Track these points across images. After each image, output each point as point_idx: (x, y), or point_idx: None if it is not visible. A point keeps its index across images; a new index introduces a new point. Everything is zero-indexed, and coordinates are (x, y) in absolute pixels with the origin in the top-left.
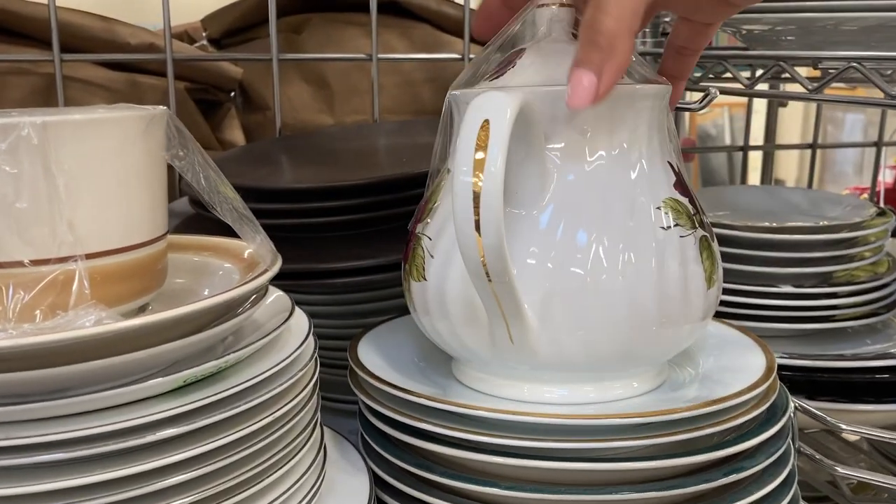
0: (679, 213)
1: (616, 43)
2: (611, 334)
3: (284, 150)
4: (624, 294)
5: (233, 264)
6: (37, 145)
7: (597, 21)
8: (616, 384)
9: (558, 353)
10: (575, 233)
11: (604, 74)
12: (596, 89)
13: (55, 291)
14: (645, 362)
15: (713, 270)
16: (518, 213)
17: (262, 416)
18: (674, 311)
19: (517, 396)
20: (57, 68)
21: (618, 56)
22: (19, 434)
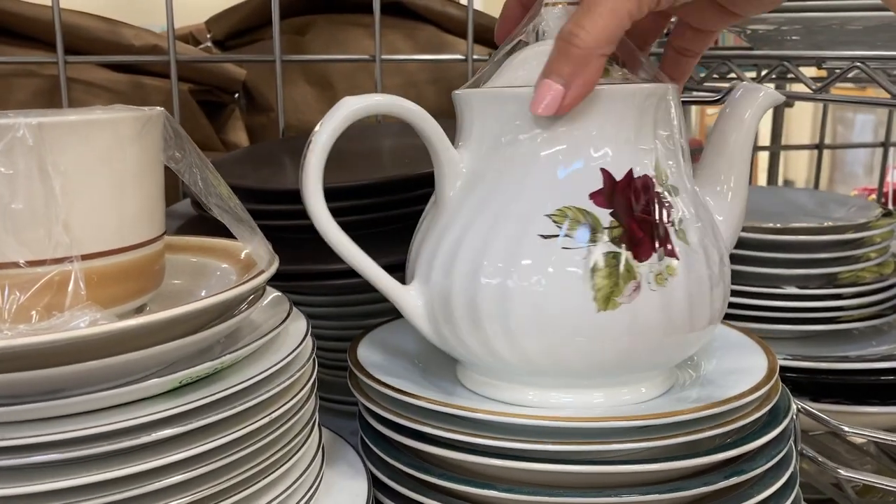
0: (574, 224)
1: (589, 60)
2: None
3: (288, 151)
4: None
5: (230, 265)
6: (32, 146)
7: (573, 35)
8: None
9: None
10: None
11: (571, 88)
12: (561, 101)
13: (51, 292)
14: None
15: (614, 291)
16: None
17: (260, 417)
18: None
19: (522, 401)
20: (61, 70)
21: (587, 73)
22: (15, 435)
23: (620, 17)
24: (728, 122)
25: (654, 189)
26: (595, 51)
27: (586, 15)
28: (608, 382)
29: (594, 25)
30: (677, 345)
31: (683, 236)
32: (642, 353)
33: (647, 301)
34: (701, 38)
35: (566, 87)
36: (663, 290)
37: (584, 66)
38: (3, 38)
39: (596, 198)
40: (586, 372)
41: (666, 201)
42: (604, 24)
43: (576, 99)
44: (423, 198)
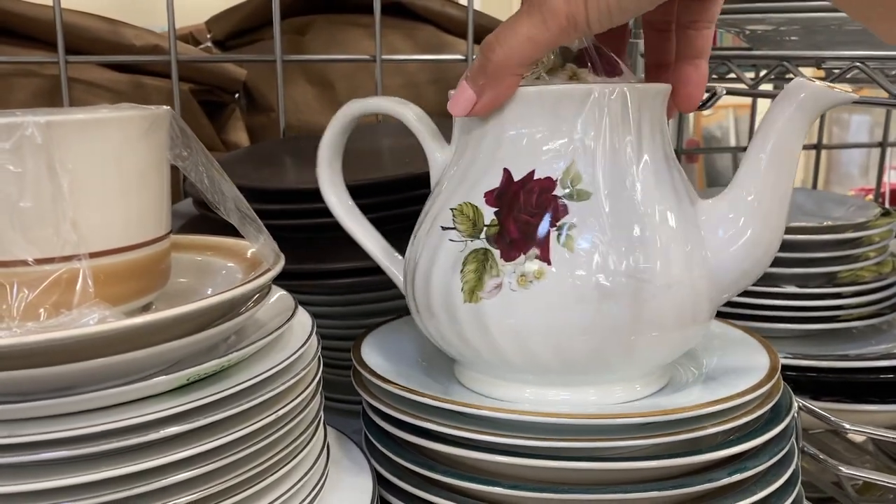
0: (464, 220)
1: (501, 76)
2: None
3: (288, 151)
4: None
5: (236, 264)
6: (41, 144)
7: (491, 49)
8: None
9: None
10: None
11: (481, 97)
12: (472, 107)
13: (59, 290)
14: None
15: (477, 285)
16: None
17: (265, 415)
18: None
19: (519, 399)
20: (62, 70)
21: (498, 87)
22: (24, 432)
23: (538, 45)
24: (763, 122)
25: (551, 192)
26: (507, 70)
27: (507, 33)
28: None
29: (509, 46)
30: (554, 347)
31: (569, 243)
32: (508, 351)
33: (507, 300)
34: (707, 6)
35: (478, 95)
36: (525, 292)
37: (496, 80)
38: (4, 38)
39: (488, 196)
40: (469, 363)
41: (561, 206)
42: (518, 46)
43: (485, 107)
44: (422, 197)
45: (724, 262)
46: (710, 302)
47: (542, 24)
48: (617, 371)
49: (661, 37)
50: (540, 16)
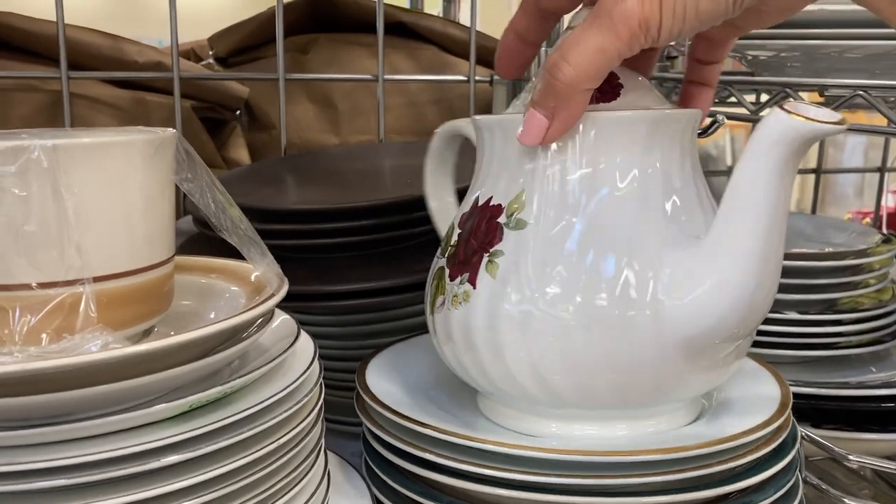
0: (444, 239)
1: (571, 95)
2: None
3: (289, 169)
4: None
5: (239, 287)
6: (47, 168)
7: (558, 68)
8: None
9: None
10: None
11: (555, 121)
12: (545, 132)
13: (62, 314)
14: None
15: (433, 300)
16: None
17: (267, 443)
18: None
19: (543, 433)
20: (64, 86)
21: (571, 107)
22: (22, 459)
23: (609, 55)
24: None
25: (496, 219)
26: (578, 86)
27: (573, 49)
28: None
29: (579, 62)
30: (478, 369)
31: (493, 269)
32: (455, 365)
33: (447, 317)
34: (715, 48)
35: (550, 119)
36: (456, 312)
37: (568, 100)
38: (6, 53)
39: (460, 218)
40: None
41: (499, 232)
42: (588, 61)
43: (559, 131)
44: (423, 219)
45: (679, 313)
46: (677, 349)
47: (613, 33)
48: (542, 403)
49: (702, 68)
50: (610, 23)
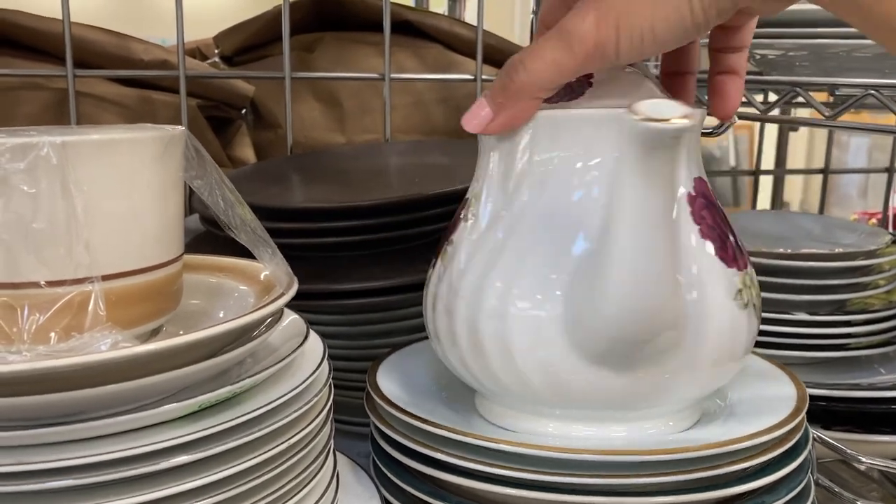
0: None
1: (520, 97)
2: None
3: (295, 168)
4: None
5: (248, 287)
6: (56, 165)
7: (515, 70)
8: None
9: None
10: None
11: (498, 116)
12: (487, 124)
13: (70, 313)
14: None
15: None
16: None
17: (277, 443)
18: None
19: (543, 433)
20: (70, 84)
21: (517, 108)
22: (31, 459)
23: (562, 70)
24: None
25: (461, 212)
26: (529, 92)
27: (531, 56)
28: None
29: (534, 69)
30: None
31: (444, 257)
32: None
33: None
34: (734, 34)
35: (494, 113)
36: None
37: (516, 101)
38: (11, 51)
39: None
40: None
41: (457, 225)
42: (542, 70)
43: (500, 126)
44: (431, 218)
45: (583, 319)
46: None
47: (569, 50)
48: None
49: (678, 50)
50: (568, 41)
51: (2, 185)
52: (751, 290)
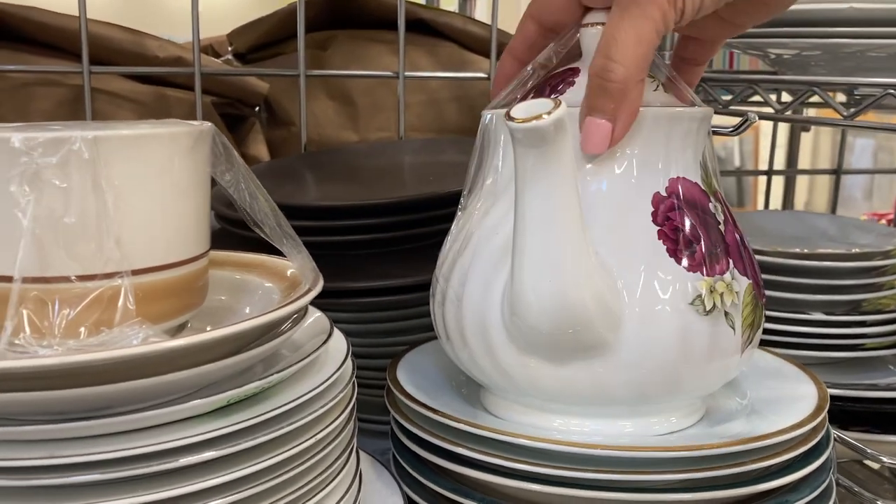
0: None
1: (627, 90)
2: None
3: (309, 166)
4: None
5: (273, 283)
6: (87, 160)
7: (607, 69)
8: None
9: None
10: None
11: (618, 121)
12: (611, 136)
13: (100, 308)
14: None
15: None
16: None
17: (304, 439)
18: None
19: (549, 427)
20: (86, 80)
21: (630, 103)
22: (60, 453)
23: (649, 41)
24: None
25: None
26: (632, 80)
27: (613, 46)
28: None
29: (625, 56)
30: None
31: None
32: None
33: None
34: (704, 49)
35: (613, 121)
36: None
37: (625, 97)
38: (27, 48)
39: None
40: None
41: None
42: (633, 52)
43: (624, 130)
44: (448, 216)
45: (506, 310)
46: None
47: (645, 18)
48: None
49: (688, 71)
50: (639, 11)
51: (34, 180)
52: (724, 296)
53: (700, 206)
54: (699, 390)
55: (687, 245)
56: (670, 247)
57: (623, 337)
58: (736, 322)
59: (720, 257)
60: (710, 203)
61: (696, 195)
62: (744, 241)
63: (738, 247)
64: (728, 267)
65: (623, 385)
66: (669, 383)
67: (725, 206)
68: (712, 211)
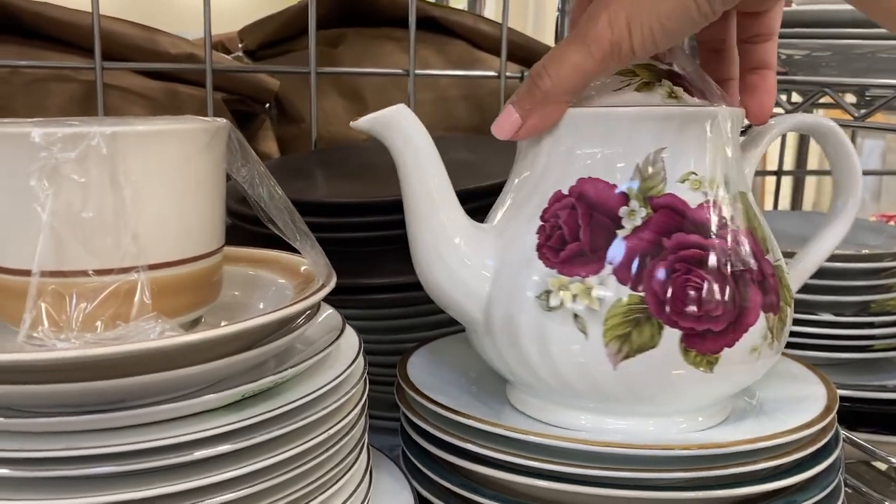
0: None
1: (547, 103)
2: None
3: (320, 163)
4: None
5: (287, 280)
6: (106, 155)
7: (539, 76)
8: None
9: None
10: None
11: (527, 122)
12: (517, 129)
13: (117, 302)
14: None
15: None
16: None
17: (317, 433)
18: None
19: (574, 426)
20: (98, 76)
21: (544, 113)
22: (76, 445)
23: (584, 73)
24: None
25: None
26: (554, 97)
27: (553, 62)
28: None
29: (557, 75)
30: None
31: None
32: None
33: None
34: (763, 20)
35: (523, 119)
36: None
37: (543, 107)
38: (40, 43)
39: None
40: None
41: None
42: (565, 76)
43: (529, 131)
44: None
45: None
46: None
47: (588, 53)
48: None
49: (717, 56)
50: (584, 44)
51: (53, 175)
52: (577, 298)
53: (604, 209)
54: (567, 389)
55: (558, 242)
56: (541, 241)
57: (494, 322)
58: (590, 328)
59: (592, 261)
60: (623, 208)
61: (606, 199)
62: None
63: (638, 256)
64: (599, 271)
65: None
66: (532, 373)
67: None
68: (620, 216)
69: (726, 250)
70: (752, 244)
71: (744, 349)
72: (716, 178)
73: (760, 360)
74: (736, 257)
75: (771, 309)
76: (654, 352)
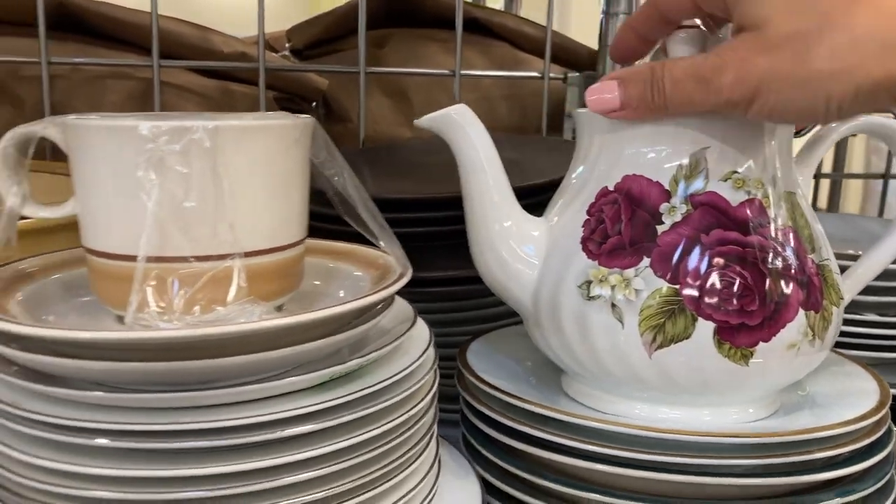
0: None
1: (649, 110)
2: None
3: (367, 161)
4: None
5: (363, 271)
6: (208, 148)
7: (660, 86)
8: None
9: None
10: None
11: (624, 111)
12: (610, 110)
13: (214, 287)
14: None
15: None
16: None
17: (396, 416)
18: None
19: (630, 415)
20: (155, 74)
21: (639, 114)
22: (172, 420)
23: (693, 106)
24: None
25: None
26: (656, 111)
27: (676, 85)
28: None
29: (672, 97)
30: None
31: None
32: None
33: None
34: None
35: (621, 106)
36: None
37: (643, 110)
38: (99, 41)
39: None
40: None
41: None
42: (678, 103)
43: (619, 117)
44: None
45: None
46: None
47: (705, 95)
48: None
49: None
50: (706, 86)
51: (159, 165)
52: (615, 289)
53: (646, 205)
54: (608, 375)
55: (600, 235)
56: (586, 234)
57: (539, 305)
58: (627, 318)
59: (631, 254)
60: (664, 205)
61: (648, 195)
62: (698, 248)
63: (676, 250)
64: (637, 264)
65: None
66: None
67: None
68: (660, 212)
69: (765, 247)
70: (795, 243)
71: (781, 345)
72: (761, 178)
73: (800, 357)
74: (775, 255)
75: (812, 307)
76: (688, 342)
